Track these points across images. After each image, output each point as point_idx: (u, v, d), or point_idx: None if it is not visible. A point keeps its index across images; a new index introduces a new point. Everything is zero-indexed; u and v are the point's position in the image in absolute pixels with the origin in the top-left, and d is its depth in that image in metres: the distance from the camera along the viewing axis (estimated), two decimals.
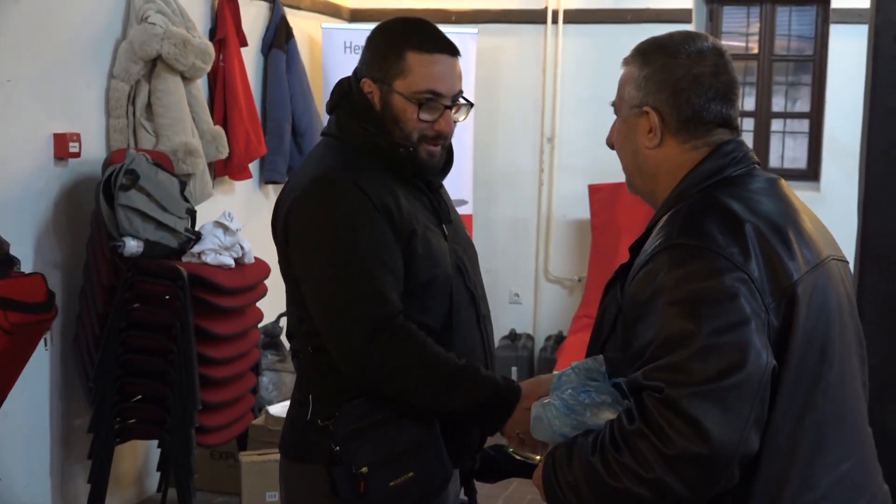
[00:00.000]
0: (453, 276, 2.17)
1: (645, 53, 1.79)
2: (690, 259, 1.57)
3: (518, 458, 2.01)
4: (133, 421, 4.11)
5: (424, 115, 2.12)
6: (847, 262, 1.85)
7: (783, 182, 1.81)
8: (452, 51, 2.17)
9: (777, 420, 1.57)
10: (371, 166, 2.12)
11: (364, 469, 1.97)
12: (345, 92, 2.21)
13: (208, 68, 4.65)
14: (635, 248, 1.76)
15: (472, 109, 2.29)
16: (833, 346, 1.65)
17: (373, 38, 2.21)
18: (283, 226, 2.13)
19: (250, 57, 5.31)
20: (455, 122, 2.22)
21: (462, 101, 2.21)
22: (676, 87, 1.72)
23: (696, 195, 1.70)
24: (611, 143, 1.91)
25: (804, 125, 6.31)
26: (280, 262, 2.24)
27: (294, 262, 2.14)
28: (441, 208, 2.25)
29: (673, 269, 1.57)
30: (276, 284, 2.95)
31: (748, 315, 1.52)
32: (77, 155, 4.12)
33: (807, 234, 1.70)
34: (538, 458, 1.83)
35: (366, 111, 2.16)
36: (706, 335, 1.50)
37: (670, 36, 1.82)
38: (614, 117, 1.93)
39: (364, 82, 2.16)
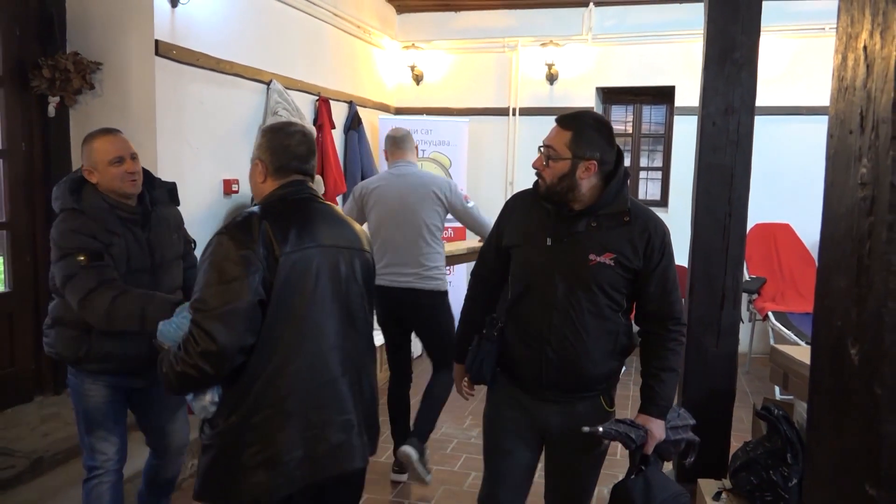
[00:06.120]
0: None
1: (265, 131, 1.85)
2: (227, 241, 1.62)
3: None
4: None
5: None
6: (363, 252, 1.85)
7: (331, 209, 1.83)
8: (558, 123, 1.93)
9: (263, 331, 1.63)
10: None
11: None
12: None
13: None
14: None
15: (466, 164, 2.16)
16: (302, 296, 1.68)
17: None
18: None
19: (337, 135, 5.27)
20: (544, 159, 1.92)
21: (544, 147, 1.93)
22: (273, 151, 1.81)
23: (261, 205, 1.76)
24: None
25: (659, 175, 6.26)
26: None
27: None
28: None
29: (218, 245, 1.62)
30: None
31: (251, 270, 1.60)
32: (237, 192, 4.10)
33: (314, 231, 1.73)
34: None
35: None
36: (223, 283, 1.58)
37: (282, 123, 1.86)
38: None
39: None
